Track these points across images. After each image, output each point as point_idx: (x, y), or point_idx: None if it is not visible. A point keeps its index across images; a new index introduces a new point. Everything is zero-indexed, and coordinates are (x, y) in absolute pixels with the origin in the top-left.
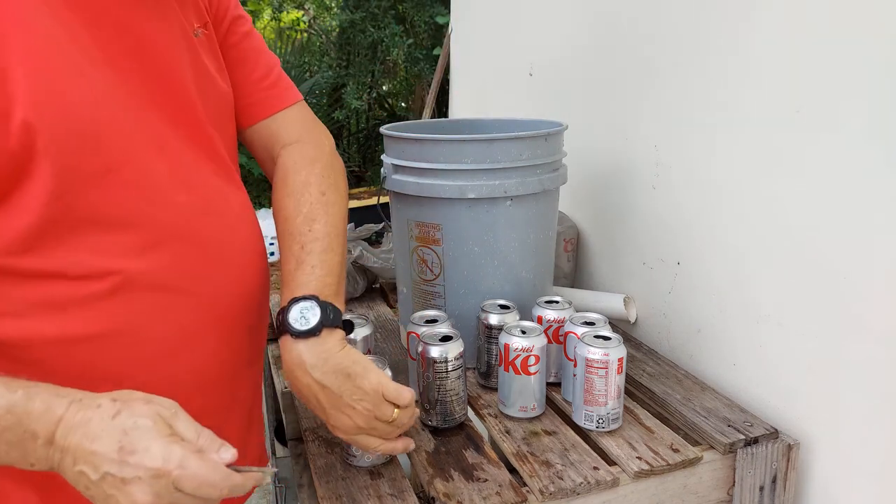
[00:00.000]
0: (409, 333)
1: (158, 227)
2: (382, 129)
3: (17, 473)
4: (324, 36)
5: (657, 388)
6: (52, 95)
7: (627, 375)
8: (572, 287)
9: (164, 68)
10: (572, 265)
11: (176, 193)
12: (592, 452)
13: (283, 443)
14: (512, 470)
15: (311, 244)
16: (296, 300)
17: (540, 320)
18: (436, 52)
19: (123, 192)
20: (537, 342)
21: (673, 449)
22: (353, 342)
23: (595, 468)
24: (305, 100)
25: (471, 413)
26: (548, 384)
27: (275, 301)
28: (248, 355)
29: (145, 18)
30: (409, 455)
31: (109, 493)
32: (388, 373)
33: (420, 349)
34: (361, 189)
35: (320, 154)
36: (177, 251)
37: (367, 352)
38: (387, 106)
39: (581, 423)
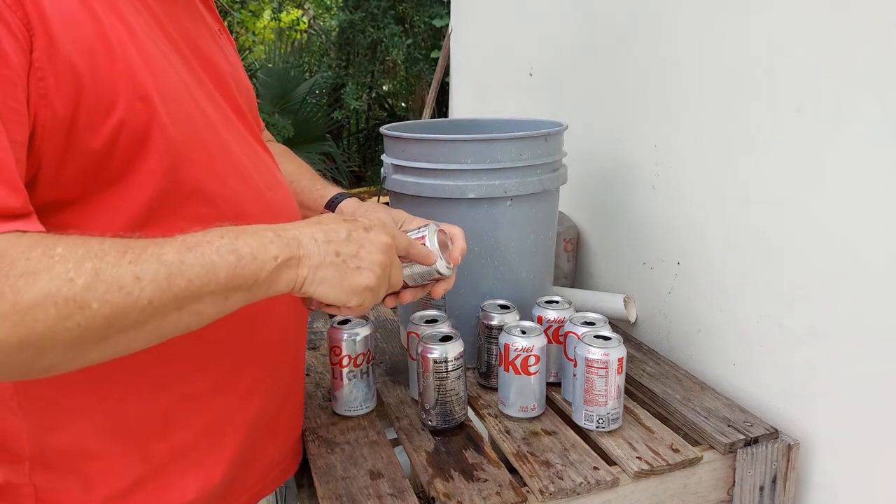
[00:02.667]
0: (409, 333)
1: (242, 199)
2: (382, 129)
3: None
4: (323, 36)
5: (657, 388)
6: (161, 76)
7: (627, 375)
8: (572, 287)
9: (211, 63)
10: (572, 265)
11: (250, 169)
12: (592, 452)
13: None
14: (512, 470)
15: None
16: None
17: (540, 320)
18: (433, 55)
19: (215, 167)
20: (537, 342)
21: (673, 449)
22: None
23: (595, 468)
24: (305, 100)
25: (471, 413)
26: (548, 384)
27: None
28: (304, 311)
29: (189, 21)
30: (409, 455)
31: (361, 242)
32: None
33: (420, 349)
34: (361, 189)
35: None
36: (258, 220)
37: (368, 351)
38: (387, 106)
39: (581, 423)
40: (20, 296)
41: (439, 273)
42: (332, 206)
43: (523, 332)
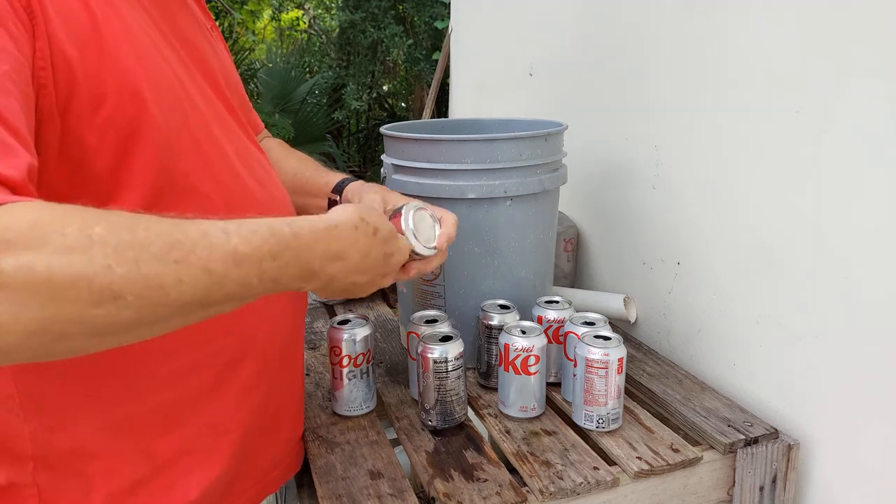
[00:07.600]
0: (409, 333)
1: (234, 196)
2: (382, 130)
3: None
4: (324, 36)
5: (657, 388)
6: (154, 70)
7: (627, 375)
8: (572, 287)
9: (203, 60)
10: (572, 265)
11: (240, 166)
12: (592, 452)
13: None
14: (512, 470)
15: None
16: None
17: (540, 320)
18: (435, 56)
19: (207, 163)
20: (537, 342)
21: (673, 449)
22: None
23: (595, 468)
24: (305, 100)
25: (471, 413)
26: (548, 384)
27: None
28: (302, 307)
29: (181, 17)
30: (409, 455)
31: (382, 271)
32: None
33: (420, 349)
34: None
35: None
36: (246, 216)
37: (368, 351)
38: (387, 106)
39: (581, 423)
40: (53, 273)
41: (415, 253)
42: (338, 190)
43: (523, 332)
